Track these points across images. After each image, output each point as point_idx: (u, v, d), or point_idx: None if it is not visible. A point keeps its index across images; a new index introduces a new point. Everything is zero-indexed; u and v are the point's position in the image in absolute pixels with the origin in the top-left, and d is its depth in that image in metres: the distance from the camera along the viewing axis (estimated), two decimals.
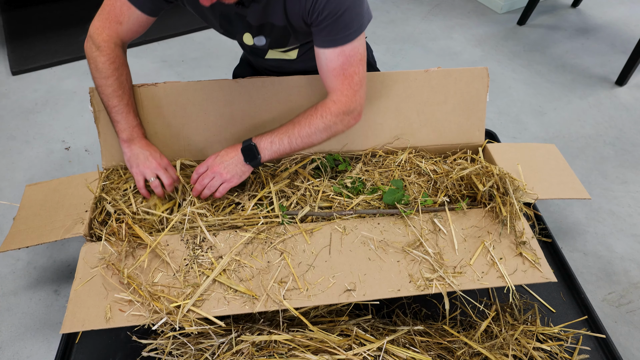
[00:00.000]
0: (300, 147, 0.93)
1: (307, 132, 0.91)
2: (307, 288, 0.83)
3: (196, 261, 0.86)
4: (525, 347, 0.91)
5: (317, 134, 0.92)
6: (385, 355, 0.82)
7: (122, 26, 0.91)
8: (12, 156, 1.64)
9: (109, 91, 0.93)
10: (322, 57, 0.88)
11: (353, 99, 0.91)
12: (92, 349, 0.95)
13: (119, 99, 0.94)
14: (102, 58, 0.91)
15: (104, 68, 0.92)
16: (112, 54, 0.92)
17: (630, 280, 1.33)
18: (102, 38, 0.91)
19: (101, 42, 0.91)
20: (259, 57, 1.08)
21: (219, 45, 2.27)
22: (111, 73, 0.92)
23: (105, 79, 0.92)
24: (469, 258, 0.89)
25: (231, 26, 0.95)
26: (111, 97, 0.94)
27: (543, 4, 2.66)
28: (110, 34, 0.92)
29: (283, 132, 0.92)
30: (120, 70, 0.94)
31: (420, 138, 1.13)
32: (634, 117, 1.92)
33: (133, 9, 0.89)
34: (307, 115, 0.92)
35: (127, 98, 0.96)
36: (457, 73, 1.11)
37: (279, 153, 0.92)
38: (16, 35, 2.21)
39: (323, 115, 0.90)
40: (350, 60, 0.87)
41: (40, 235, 0.92)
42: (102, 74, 0.92)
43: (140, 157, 0.96)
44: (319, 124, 0.91)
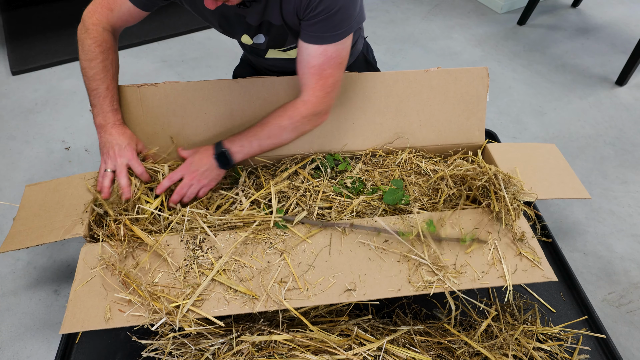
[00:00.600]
0: (269, 148, 0.96)
1: (276, 134, 0.93)
2: (307, 288, 0.83)
3: (196, 261, 0.86)
4: (525, 347, 0.91)
5: (285, 135, 0.94)
6: (385, 355, 0.82)
7: (112, 13, 0.92)
8: (12, 156, 1.64)
9: (91, 73, 0.93)
10: (305, 52, 0.88)
11: (323, 100, 0.91)
12: (92, 349, 0.95)
13: (99, 82, 0.93)
14: (88, 40, 0.92)
15: (89, 50, 0.92)
16: (99, 37, 0.92)
17: (630, 280, 1.33)
18: (92, 21, 0.92)
19: (90, 25, 0.92)
20: (259, 56, 1.08)
21: (219, 45, 2.27)
22: (95, 55, 0.92)
23: (89, 61, 0.92)
24: (469, 258, 0.89)
25: (230, 26, 0.95)
26: (92, 80, 0.93)
27: (543, 4, 2.66)
28: (100, 18, 0.93)
29: (252, 135, 0.93)
30: (106, 54, 0.93)
31: (420, 138, 1.13)
32: (634, 117, 1.92)
33: (125, 1, 0.90)
34: (275, 116, 0.93)
35: (108, 82, 0.94)
36: (457, 73, 1.11)
37: (250, 155, 0.96)
38: (16, 35, 2.21)
39: (292, 116, 0.92)
40: (330, 62, 0.88)
41: (40, 235, 0.92)
42: (87, 55, 0.92)
43: (107, 145, 0.94)
44: (287, 125, 0.93)
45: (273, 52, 1.04)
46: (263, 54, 1.05)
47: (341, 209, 1.00)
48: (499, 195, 0.96)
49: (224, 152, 0.93)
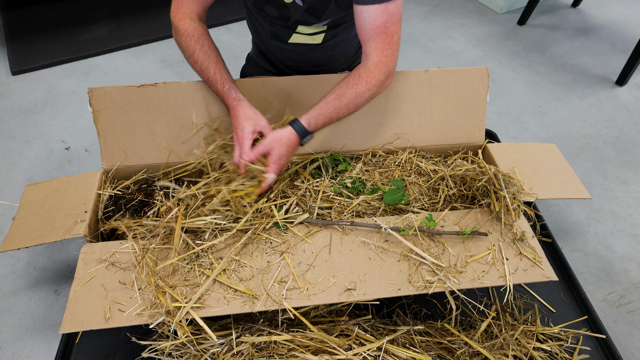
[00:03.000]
0: (346, 116, 0.95)
1: (354, 102, 0.92)
2: (307, 287, 0.83)
3: (197, 261, 0.86)
4: (525, 347, 0.91)
5: (362, 101, 0.93)
6: (385, 355, 0.82)
7: (193, 0, 0.93)
8: (12, 156, 1.64)
9: (198, 68, 0.94)
10: (365, 15, 0.88)
11: (392, 58, 0.92)
12: (92, 349, 0.95)
13: (206, 71, 0.94)
14: (182, 38, 0.93)
15: (187, 47, 0.93)
16: (189, 29, 0.93)
17: (630, 280, 1.33)
18: (178, 18, 0.94)
19: (177, 23, 0.93)
20: (282, 41, 1.07)
21: (219, 45, 2.26)
22: (194, 49, 0.93)
23: (191, 56, 0.94)
24: (470, 257, 0.89)
25: None
26: (202, 73, 0.95)
27: (543, 4, 2.66)
28: (184, 11, 0.94)
29: (332, 109, 0.92)
30: (201, 42, 0.94)
31: (420, 138, 1.13)
32: (634, 117, 1.92)
33: None
34: (350, 84, 0.92)
35: (213, 67, 0.95)
36: (458, 73, 1.11)
37: (323, 127, 0.95)
38: (16, 35, 2.21)
39: (368, 81, 0.91)
40: (392, 19, 0.88)
41: (39, 235, 0.92)
42: (187, 52, 0.93)
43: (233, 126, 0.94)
44: (365, 90, 0.91)
45: (298, 36, 1.04)
46: (287, 37, 1.05)
47: (341, 209, 1.00)
48: (499, 195, 0.96)
49: (311, 136, 0.93)
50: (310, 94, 1.07)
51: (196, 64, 0.94)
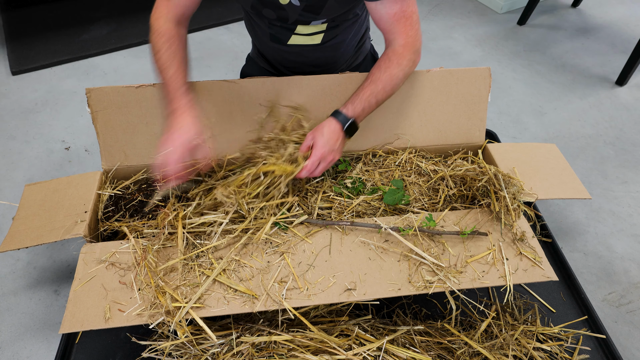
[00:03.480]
0: (384, 101, 0.96)
1: (390, 85, 0.94)
2: (307, 287, 0.83)
3: (197, 261, 0.86)
4: (525, 347, 0.91)
5: (398, 83, 0.95)
6: (385, 355, 0.82)
7: (170, 2, 0.91)
8: (12, 156, 1.64)
9: (157, 66, 0.90)
10: (380, 7, 0.90)
11: (417, 36, 0.94)
12: (92, 349, 0.95)
13: (165, 71, 0.89)
14: (153, 36, 0.91)
15: (154, 44, 0.90)
16: (162, 29, 0.90)
17: (630, 280, 1.33)
18: (154, 18, 0.91)
19: (153, 22, 0.91)
20: (281, 43, 1.07)
21: (218, 45, 2.27)
22: (159, 47, 0.89)
23: (155, 54, 0.90)
24: (470, 257, 0.89)
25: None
26: (160, 72, 0.90)
27: (543, 4, 2.66)
28: (161, 11, 0.92)
29: (369, 94, 0.93)
30: (170, 42, 0.90)
31: (420, 138, 1.13)
32: (634, 117, 1.92)
33: None
34: (383, 69, 0.93)
35: (174, 68, 0.89)
36: (459, 73, 1.11)
37: (366, 115, 0.95)
38: (16, 35, 2.21)
39: (400, 63, 0.93)
40: (407, 1, 0.90)
41: (39, 235, 0.92)
42: (153, 49, 0.90)
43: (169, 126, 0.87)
44: (398, 72, 0.93)
45: (297, 37, 1.04)
46: (286, 39, 1.05)
47: (341, 209, 1.00)
48: (499, 196, 0.96)
49: (353, 122, 0.93)
50: (310, 94, 1.07)
51: (158, 61, 0.89)
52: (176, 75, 0.89)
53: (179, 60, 0.91)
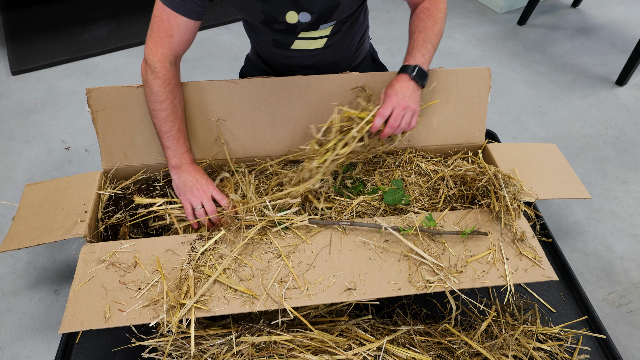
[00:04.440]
0: (437, 45, 0.97)
1: (438, 28, 0.95)
2: (307, 287, 0.83)
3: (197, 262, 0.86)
4: (525, 347, 0.91)
5: (443, 25, 0.96)
6: (385, 355, 0.82)
7: (173, 39, 0.90)
8: (12, 156, 1.64)
9: (162, 116, 0.92)
10: None
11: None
12: (92, 349, 0.95)
13: (172, 124, 0.93)
14: (157, 81, 0.90)
15: (159, 91, 0.91)
16: (167, 75, 0.91)
17: (630, 280, 1.33)
18: (157, 58, 0.90)
19: (156, 63, 0.90)
20: (283, 48, 1.07)
21: (218, 45, 2.27)
22: (166, 97, 0.91)
23: (160, 103, 0.91)
24: (470, 257, 0.89)
25: (273, 7, 0.93)
26: (164, 122, 0.93)
27: (543, 4, 2.66)
28: (164, 52, 0.90)
29: (424, 40, 0.93)
30: (175, 93, 0.93)
31: (420, 138, 1.13)
32: (634, 117, 1.92)
33: (180, 18, 0.88)
34: (425, 17, 0.95)
35: (179, 123, 0.95)
36: (459, 73, 1.11)
37: (430, 59, 0.95)
38: (16, 35, 2.21)
39: (438, 7, 0.95)
40: None
41: (39, 235, 0.92)
42: (157, 97, 0.91)
43: (188, 184, 0.95)
44: (440, 16, 0.95)
45: (300, 42, 1.04)
46: (289, 45, 1.05)
47: (341, 209, 1.00)
48: (499, 195, 0.96)
49: (419, 68, 0.92)
50: (310, 94, 1.07)
51: (162, 111, 0.92)
52: (182, 132, 0.96)
53: (181, 115, 0.96)
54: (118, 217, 0.98)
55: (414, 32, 0.95)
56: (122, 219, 0.98)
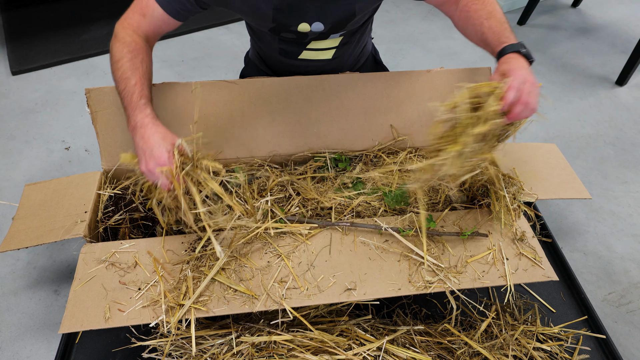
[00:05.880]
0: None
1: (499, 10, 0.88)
2: (307, 287, 0.83)
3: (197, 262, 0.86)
4: (525, 347, 0.91)
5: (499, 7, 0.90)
6: (385, 355, 0.82)
7: (144, 19, 0.87)
8: (12, 156, 1.64)
9: (118, 75, 0.83)
10: None
11: None
12: (92, 349, 0.95)
13: (126, 81, 0.82)
14: (116, 44, 0.85)
15: (116, 52, 0.84)
16: (128, 39, 0.85)
17: (631, 280, 1.33)
18: (122, 27, 0.87)
19: (119, 31, 0.86)
20: (290, 57, 1.06)
21: (218, 45, 2.27)
22: (122, 55, 0.83)
23: (116, 63, 0.84)
24: (470, 257, 0.89)
25: (285, 16, 0.90)
26: (120, 81, 0.83)
27: (543, 4, 2.66)
28: (131, 23, 0.87)
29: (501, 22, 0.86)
30: (135, 53, 0.84)
31: (420, 138, 1.13)
32: (634, 117, 1.92)
33: (157, 6, 0.86)
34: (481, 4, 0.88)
35: (136, 78, 0.82)
36: (460, 73, 1.11)
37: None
38: (16, 35, 2.21)
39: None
40: None
41: (39, 235, 0.92)
42: (114, 58, 0.84)
43: (139, 151, 0.79)
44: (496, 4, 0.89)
45: (309, 52, 1.03)
46: (296, 54, 1.03)
47: (341, 209, 1.00)
48: (499, 195, 0.96)
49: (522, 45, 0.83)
50: (310, 94, 1.07)
51: (118, 70, 0.83)
52: (139, 86, 0.82)
53: (142, 73, 0.85)
54: (118, 217, 0.98)
55: (479, 23, 0.86)
56: (122, 219, 0.98)
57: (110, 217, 0.98)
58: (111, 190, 1.02)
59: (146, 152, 0.77)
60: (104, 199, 1.00)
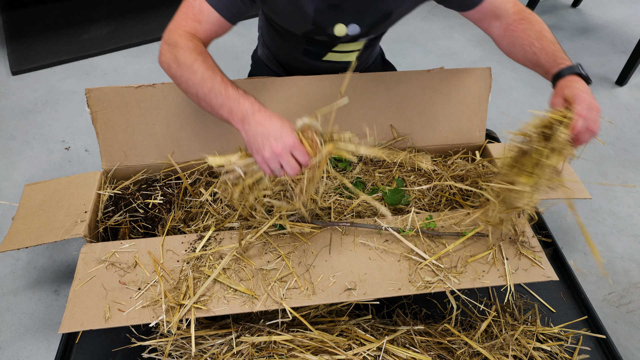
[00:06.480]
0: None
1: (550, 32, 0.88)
2: (307, 287, 0.83)
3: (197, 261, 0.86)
4: (525, 347, 0.91)
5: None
6: (385, 355, 0.82)
7: (200, 25, 0.82)
8: (12, 156, 1.64)
9: (197, 78, 0.76)
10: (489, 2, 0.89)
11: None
12: (92, 349, 0.95)
13: (212, 80, 0.76)
14: (181, 51, 0.78)
15: (185, 59, 0.77)
16: (191, 44, 0.79)
17: (630, 280, 1.33)
18: (178, 34, 0.80)
19: (177, 38, 0.79)
20: (314, 59, 1.05)
21: (219, 45, 2.27)
22: (194, 59, 0.77)
23: (189, 67, 0.77)
24: (470, 257, 0.89)
25: (325, 19, 0.89)
26: (203, 82, 0.76)
27: (543, 4, 2.66)
28: (187, 30, 0.82)
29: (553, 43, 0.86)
30: (204, 56, 0.79)
31: (420, 138, 1.13)
32: (634, 117, 1.92)
33: (212, 10, 0.82)
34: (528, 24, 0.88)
35: (220, 75, 0.77)
36: (460, 73, 1.11)
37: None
38: (16, 35, 2.20)
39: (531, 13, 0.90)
40: None
41: (39, 235, 0.92)
42: (185, 65, 0.77)
43: (258, 139, 0.72)
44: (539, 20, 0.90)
45: (334, 54, 1.03)
46: (321, 56, 1.03)
47: (341, 209, 1.00)
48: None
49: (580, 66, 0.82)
50: (310, 94, 1.07)
51: (196, 74, 0.76)
52: (225, 80, 0.78)
53: (220, 70, 0.79)
54: (118, 217, 0.98)
55: (529, 43, 0.86)
56: (122, 219, 0.98)
57: (110, 217, 0.98)
58: (111, 190, 1.02)
59: (270, 136, 0.71)
60: (104, 199, 1.00)
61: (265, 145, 0.71)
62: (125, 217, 0.98)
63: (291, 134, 0.71)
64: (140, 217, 0.99)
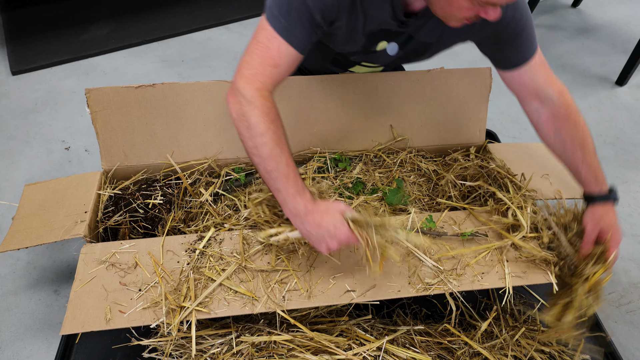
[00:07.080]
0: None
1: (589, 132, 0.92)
2: (307, 289, 0.83)
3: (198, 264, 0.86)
4: (525, 347, 0.91)
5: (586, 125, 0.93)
6: (385, 355, 0.82)
7: (278, 69, 0.78)
8: (12, 156, 1.64)
9: (265, 152, 0.75)
10: (528, 70, 0.89)
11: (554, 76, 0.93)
12: (92, 349, 0.95)
13: (277, 161, 0.75)
14: (255, 111, 0.75)
15: (258, 123, 0.75)
16: (266, 105, 0.76)
17: (630, 280, 1.33)
18: (255, 87, 0.76)
19: (254, 93, 0.75)
20: (340, 67, 1.05)
21: (219, 45, 2.27)
22: (267, 128, 0.75)
23: (260, 137, 0.75)
24: (470, 258, 0.89)
25: (372, 41, 0.89)
26: (268, 160, 0.75)
27: (543, 4, 2.66)
28: (264, 81, 0.77)
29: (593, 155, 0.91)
30: (276, 124, 0.77)
31: (420, 138, 1.13)
32: (634, 117, 1.92)
33: (290, 49, 0.78)
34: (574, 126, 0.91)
35: (286, 157, 0.76)
36: (460, 73, 1.11)
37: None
38: (16, 35, 2.21)
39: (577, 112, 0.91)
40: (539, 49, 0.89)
41: (39, 235, 0.92)
42: (256, 130, 0.75)
43: (312, 237, 0.77)
44: (582, 119, 0.91)
45: (360, 67, 1.03)
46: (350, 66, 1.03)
47: None
48: (499, 196, 0.96)
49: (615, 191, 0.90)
50: (310, 95, 1.07)
51: (265, 146, 0.75)
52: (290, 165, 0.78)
53: (288, 148, 0.79)
54: (118, 217, 0.98)
55: (572, 148, 0.90)
56: (122, 219, 0.98)
57: (110, 217, 0.98)
58: (111, 190, 1.02)
59: (325, 236, 0.75)
60: (104, 199, 1.00)
61: (321, 243, 0.76)
62: (125, 217, 0.98)
63: (344, 229, 0.75)
64: (140, 217, 0.99)
